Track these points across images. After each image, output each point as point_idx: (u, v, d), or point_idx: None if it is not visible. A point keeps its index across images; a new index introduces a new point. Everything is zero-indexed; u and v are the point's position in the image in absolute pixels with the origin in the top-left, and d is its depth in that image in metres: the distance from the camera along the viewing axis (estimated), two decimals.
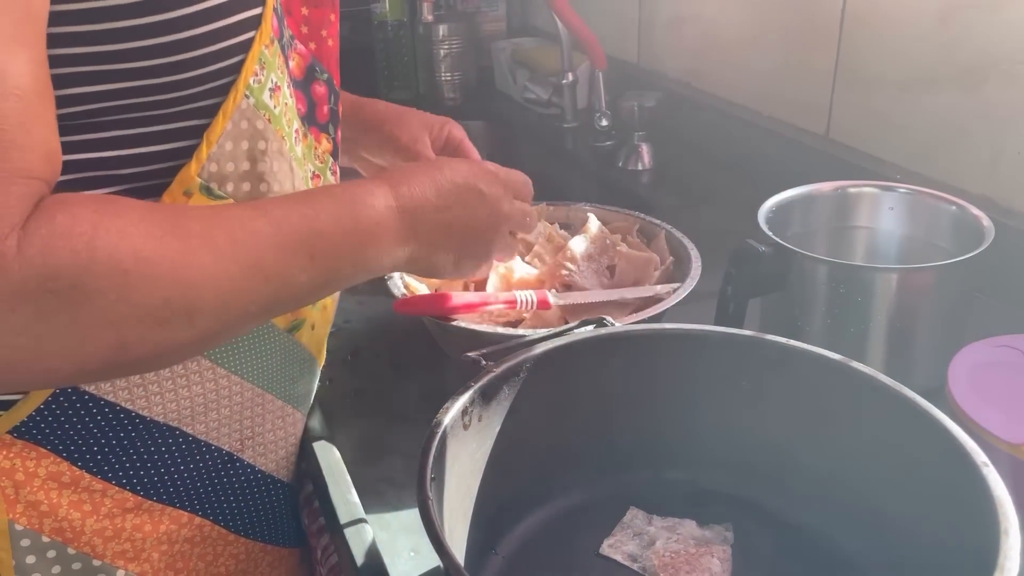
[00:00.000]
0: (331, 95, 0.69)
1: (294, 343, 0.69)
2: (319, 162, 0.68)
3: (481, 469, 0.60)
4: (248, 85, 0.56)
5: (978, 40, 0.91)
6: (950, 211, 0.79)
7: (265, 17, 0.56)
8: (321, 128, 0.68)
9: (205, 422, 0.64)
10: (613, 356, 0.65)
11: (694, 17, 1.36)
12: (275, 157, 0.60)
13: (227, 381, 0.64)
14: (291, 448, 0.73)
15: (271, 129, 0.59)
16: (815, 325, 0.76)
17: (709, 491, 0.66)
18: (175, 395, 0.62)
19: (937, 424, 0.52)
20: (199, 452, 0.65)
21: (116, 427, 0.60)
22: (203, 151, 0.56)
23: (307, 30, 0.66)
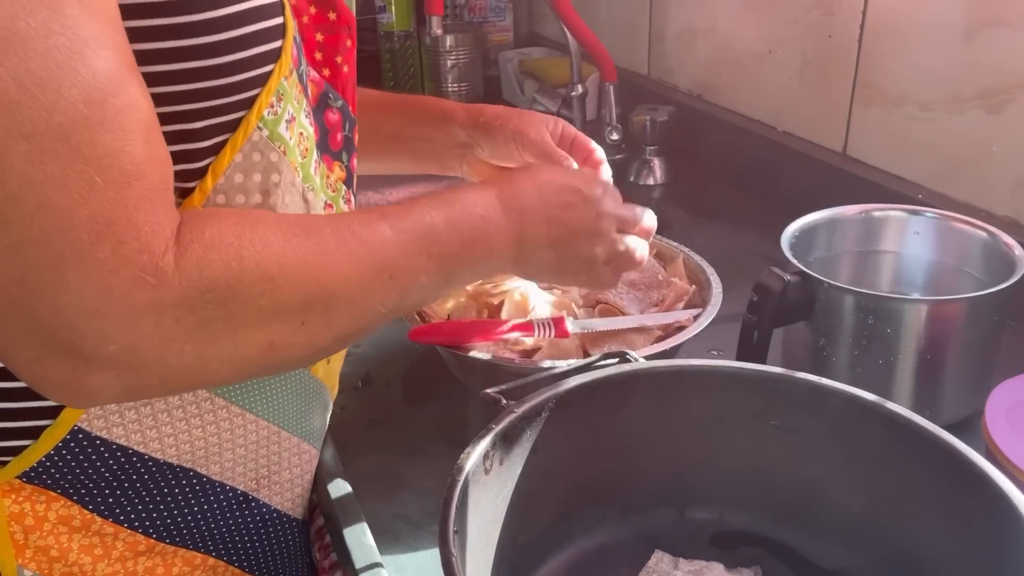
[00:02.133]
0: (345, 122, 0.67)
1: (310, 378, 0.67)
2: (331, 191, 0.66)
3: (503, 514, 0.58)
4: (262, 117, 0.55)
5: (1004, 59, 0.89)
6: (980, 238, 0.77)
7: (285, 49, 0.55)
8: (334, 156, 0.66)
9: (220, 462, 0.62)
10: (636, 393, 0.63)
11: (706, 30, 1.34)
12: (287, 190, 0.58)
13: (242, 420, 0.62)
14: (306, 485, 0.71)
15: (286, 161, 0.57)
16: (841, 356, 0.74)
17: (736, 532, 0.64)
18: (189, 436, 0.60)
19: (981, 473, 0.50)
20: (213, 493, 0.63)
21: (128, 470, 0.59)
22: (208, 183, 0.54)
23: (321, 56, 0.64)
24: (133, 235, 0.44)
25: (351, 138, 0.68)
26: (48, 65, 0.42)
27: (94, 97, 0.43)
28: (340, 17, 0.63)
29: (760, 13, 1.22)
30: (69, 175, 0.42)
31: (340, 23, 0.63)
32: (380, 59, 1.76)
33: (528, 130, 0.79)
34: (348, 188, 0.68)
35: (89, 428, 0.56)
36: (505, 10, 1.82)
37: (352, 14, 0.64)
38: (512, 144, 0.80)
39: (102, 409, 0.56)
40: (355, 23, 0.65)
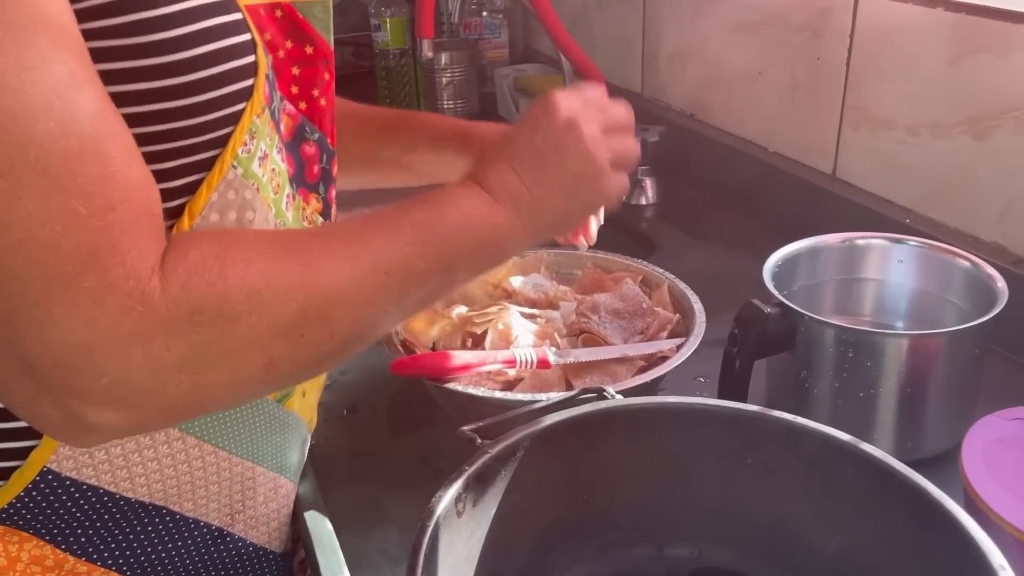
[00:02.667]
0: (322, 154, 0.67)
1: (284, 412, 0.67)
2: (307, 223, 0.67)
3: (477, 555, 0.58)
4: (236, 156, 0.55)
5: (989, 86, 0.89)
6: (963, 267, 0.77)
7: (257, 87, 0.55)
8: (310, 188, 0.67)
9: (192, 499, 0.62)
10: (613, 431, 0.62)
11: (698, 50, 1.34)
12: (262, 226, 0.58)
13: (214, 457, 0.62)
14: (284, 518, 0.71)
15: (259, 198, 0.57)
16: (823, 387, 0.73)
17: (714, 568, 0.64)
18: (160, 475, 0.60)
19: (952, 519, 0.50)
20: (187, 529, 0.63)
21: (100, 509, 0.59)
22: (185, 222, 0.54)
23: (297, 90, 0.64)
24: (119, 261, 0.43)
25: (328, 170, 0.68)
26: (22, 100, 0.42)
27: (71, 128, 0.43)
28: (317, 51, 0.63)
29: (750, 34, 1.22)
30: (50, 208, 0.42)
31: (317, 57, 0.63)
32: (376, 76, 1.76)
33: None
34: (325, 220, 0.68)
35: (59, 469, 0.56)
36: (500, 27, 1.82)
37: (330, 48, 0.64)
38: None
39: (71, 449, 0.56)
40: (332, 56, 0.65)
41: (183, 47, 0.50)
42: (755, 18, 1.19)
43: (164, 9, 0.49)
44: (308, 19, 0.62)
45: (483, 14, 1.80)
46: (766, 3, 1.15)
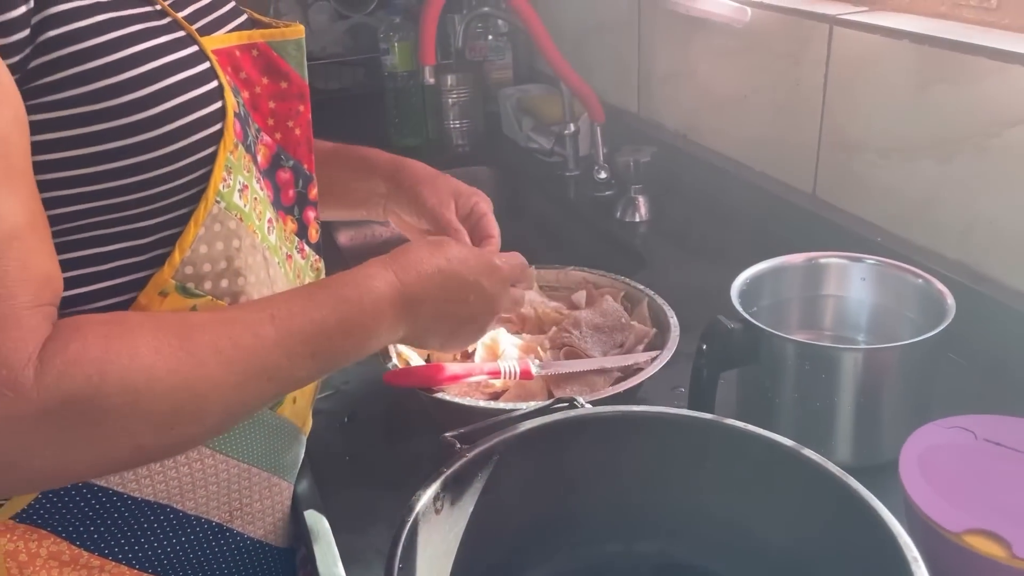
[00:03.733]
0: (298, 179, 0.73)
1: (277, 418, 0.73)
2: (288, 243, 0.72)
3: (454, 550, 0.63)
4: (218, 191, 0.61)
5: (951, 113, 0.94)
6: (916, 284, 0.82)
7: (227, 128, 0.60)
8: (287, 211, 0.73)
9: (194, 498, 0.68)
10: (583, 437, 0.68)
11: (688, 73, 1.40)
12: (249, 252, 0.64)
13: (212, 460, 0.68)
14: (280, 514, 0.76)
15: (243, 227, 0.63)
16: (785, 398, 0.79)
17: (678, 564, 0.69)
18: (164, 476, 0.66)
19: (877, 516, 0.55)
20: (190, 526, 0.69)
21: (110, 508, 0.65)
22: (175, 257, 0.60)
23: (273, 122, 0.70)
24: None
25: (304, 193, 0.74)
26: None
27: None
28: (292, 85, 0.70)
29: (736, 59, 1.28)
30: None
31: (292, 91, 0.70)
32: (385, 97, 1.83)
33: (429, 197, 0.82)
34: (301, 239, 0.74)
35: None
36: (505, 49, 1.89)
37: (304, 82, 0.71)
38: (415, 205, 0.83)
39: None
40: (307, 90, 0.71)
41: (148, 106, 0.56)
42: (740, 45, 1.25)
43: (128, 73, 0.55)
44: (283, 56, 0.68)
45: (488, 37, 1.87)
46: (750, 31, 1.21)
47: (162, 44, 0.58)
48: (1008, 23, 0.94)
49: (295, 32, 0.71)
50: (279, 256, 0.69)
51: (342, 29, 2.00)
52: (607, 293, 0.98)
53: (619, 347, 0.90)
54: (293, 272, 0.73)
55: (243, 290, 0.64)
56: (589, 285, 1.00)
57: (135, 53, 0.56)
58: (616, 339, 0.91)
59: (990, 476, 0.63)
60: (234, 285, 0.63)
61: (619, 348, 0.90)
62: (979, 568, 0.58)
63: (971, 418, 0.69)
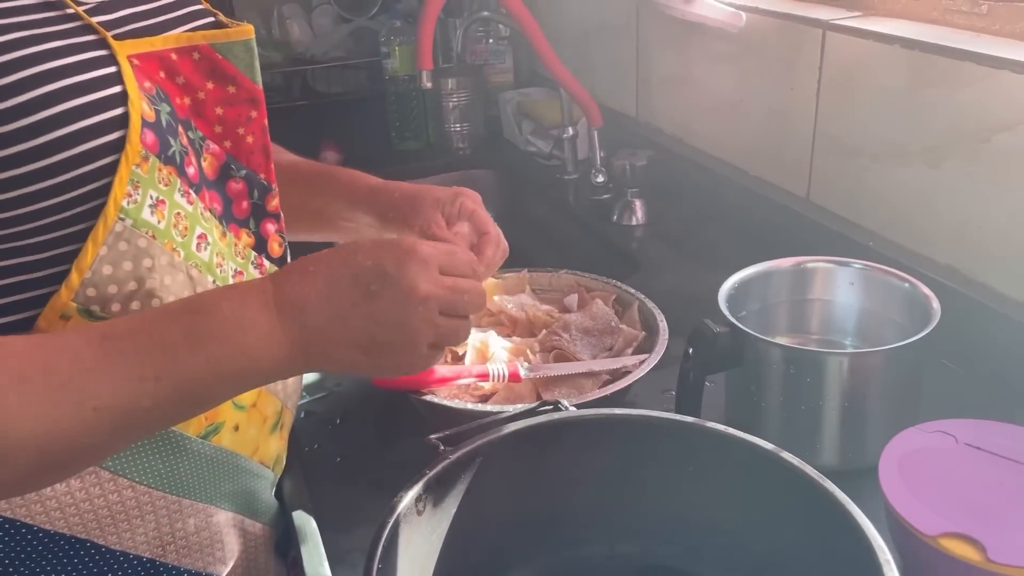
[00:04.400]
0: (252, 189, 0.69)
1: (212, 448, 0.66)
2: (240, 259, 0.68)
3: (437, 551, 0.64)
4: (122, 208, 0.56)
5: (941, 118, 0.95)
6: (903, 288, 0.83)
7: (130, 139, 0.56)
8: (240, 224, 0.69)
9: (116, 532, 0.63)
10: (566, 440, 0.69)
11: (684, 77, 1.41)
12: (166, 271, 0.59)
13: (132, 491, 0.62)
14: (223, 544, 0.70)
15: (157, 245, 0.58)
16: (771, 401, 0.79)
17: (660, 566, 0.70)
18: (76, 508, 0.61)
19: (852, 519, 0.56)
20: (116, 562, 0.63)
21: (21, 542, 0.60)
22: (73, 279, 0.56)
23: (221, 129, 0.66)
24: None
25: (261, 204, 0.69)
26: None
27: None
28: (241, 90, 0.66)
29: (731, 64, 1.28)
30: None
31: (241, 95, 0.66)
32: (386, 100, 1.84)
33: (414, 221, 0.78)
34: (260, 253, 0.69)
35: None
36: (505, 53, 1.90)
37: (257, 86, 0.67)
38: (404, 231, 0.80)
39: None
40: (262, 95, 0.67)
41: (24, 114, 0.52)
42: (736, 50, 1.26)
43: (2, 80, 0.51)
44: (229, 59, 0.65)
45: (488, 41, 1.88)
46: (745, 36, 1.22)
47: (49, 50, 0.54)
48: (998, 29, 0.94)
49: (241, 33, 0.66)
50: (216, 275, 0.64)
51: (344, 33, 2.01)
52: (598, 296, 0.99)
53: (608, 350, 0.91)
54: None
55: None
56: (581, 288, 1.01)
57: (9, 60, 0.52)
58: (605, 342, 0.91)
59: (969, 480, 0.63)
60: (147, 307, 0.58)
61: (608, 351, 0.91)
62: (954, 571, 0.58)
63: (953, 422, 0.69)
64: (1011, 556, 0.56)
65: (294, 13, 2.02)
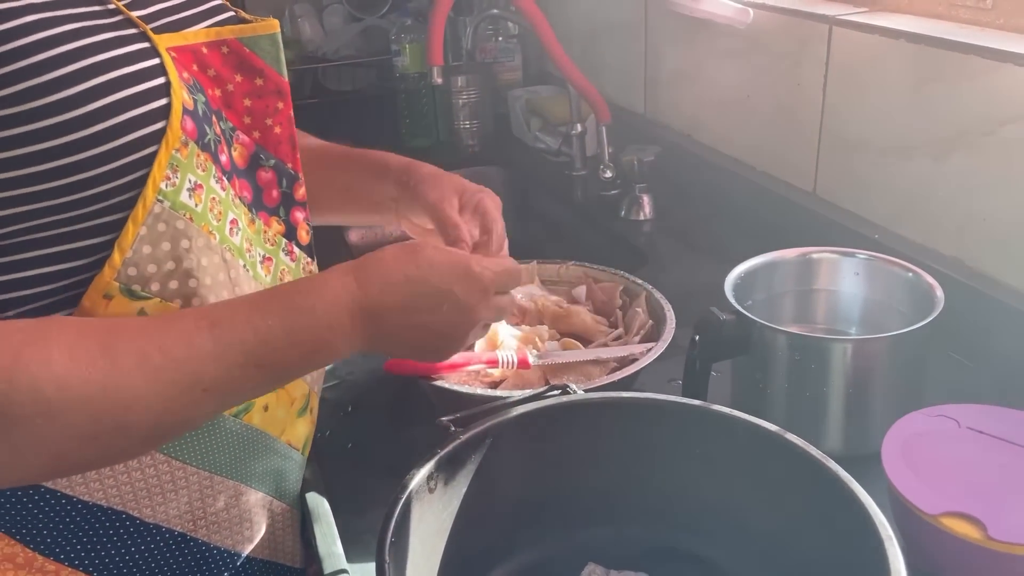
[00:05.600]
0: (281, 178, 0.72)
1: (244, 426, 0.69)
2: (270, 245, 0.71)
3: (448, 529, 0.66)
4: (160, 191, 0.59)
5: (946, 111, 0.96)
6: (907, 277, 0.84)
7: (171, 124, 0.59)
8: (270, 212, 0.71)
9: (151, 506, 0.66)
10: (575, 422, 0.70)
11: (692, 74, 1.42)
12: (202, 252, 0.62)
13: (168, 467, 0.66)
14: (251, 523, 0.73)
15: (194, 227, 0.61)
16: (776, 388, 0.81)
17: (665, 548, 0.71)
18: (115, 481, 0.64)
19: (854, 497, 0.57)
20: (148, 534, 0.67)
21: (60, 512, 0.63)
22: (116, 258, 0.58)
23: (250, 120, 0.69)
24: None
25: (290, 193, 0.72)
26: None
27: None
28: (268, 82, 0.68)
29: (738, 60, 1.29)
30: None
31: (268, 87, 0.68)
32: (397, 98, 1.86)
33: (430, 193, 0.81)
34: (290, 240, 0.72)
35: None
36: (514, 51, 1.92)
37: (283, 78, 0.69)
38: (417, 203, 0.82)
39: None
40: (286, 86, 0.70)
41: (77, 105, 0.54)
42: (742, 46, 1.27)
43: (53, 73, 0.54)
44: (255, 52, 0.67)
45: (498, 39, 1.90)
46: (751, 32, 1.23)
47: (99, 42, 0.57)
48: (1003, 23, 0.95)
49: (267, 27, 0.69)
50: (246, 259, 0.67)
51: (355, 31, 2.03)
52: (606, 287, 1.00)
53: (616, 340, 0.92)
54: (273, 275, 0.71)
55: (196, 292, 0.62)
56: (589, 280, 1.02)
57: (64, 52, 0.55)
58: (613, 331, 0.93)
59: (970, 462, 0.64)
60: (185, 287, 0.61)
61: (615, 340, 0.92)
62: (955, 548, 0.59)
63: (956, 407, 0.70)
64: (1011, 534, 0.57)
65: (305, 12, 2.04)
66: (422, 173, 0.84)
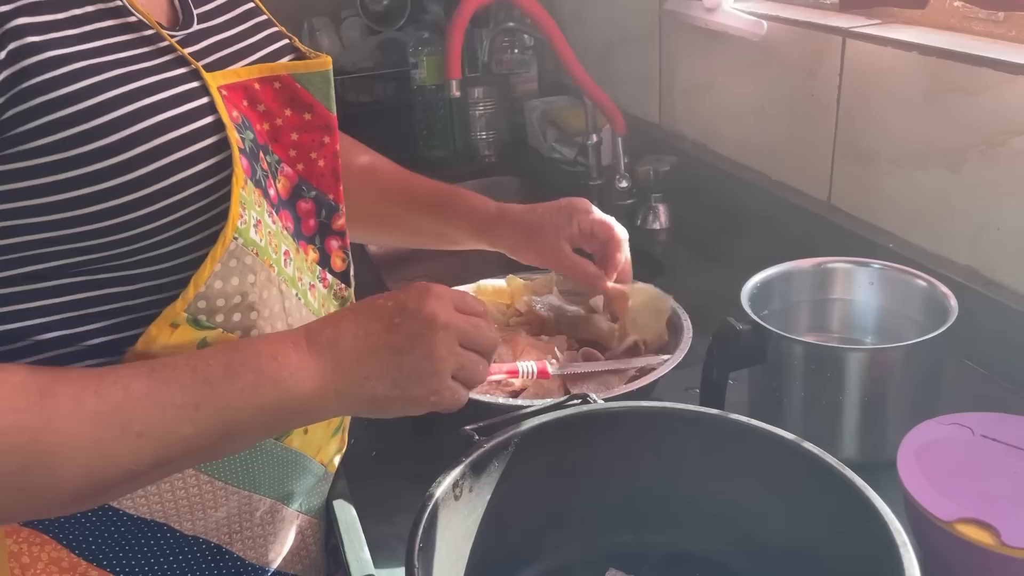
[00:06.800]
0: (320, 209, 0.73)
1: (283, 449, 0.71)
2: (310, 273, 0.73)
3: (473, 534, 0.67)
4: (236, 228, 0.61)
5: (959, 122, 0.97)
6: (921, 287, 0.85)
7: (235, 172, 0.60)
8: (308, 240, 0.73)
9: (191, 520, 0.68)
10: (595, 431, 0.72)
11: (707, 85, 1.44)
12: (264, 286, 0.64)
13: (211, 485, 0.68)
14: (285, 539, 0.76)
15: (259, 262, 0.63)
16: (793, 397, 0.82)
17: (684, 554, 0.72)
18: (159, 497, 0.66)
19: (871, 504, 0.59)
20: (187, 545, 0.69)
21: (106, 522, 0.66)
22: (190, 292, 0.60)
23: (295, 153, 0.70)
24: None
25: (327, 223, 0.74)
26: None
27: None
28: (316, 117, 0.69)
29: (753, 71, 1.31)
30: None
31: (316, 122, 0.70)
32: (414, 110, 1.88)
33: (544, 249, 0.91)
34: (323, 267, 0.74)
35: None
36: (530, 63, 1.94)
37: (331, 114, 0.71)
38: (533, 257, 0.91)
39: None
40: (334, 120, 0.71)
41: (118, 151, 0.55)
42: (757, 57, 1.29)
43: (100, 119, 0.55)
44: (307, 88, 0.68)
45: (514, 51, 1.92)
46: (766, 43, 1.25)
47: (146, 86, 0.58)
48: (1015, 35, 0.96)
49: (321, 64, 0.70)
50: (298, 288, 0.69)
51: (373, 44, 2.06)
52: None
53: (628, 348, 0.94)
54: (317, 302, 0.72)
55: (255, 324, 0.64)
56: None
57: (111, 98, 0.56)
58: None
59: (984, 469, 0.66)
60: (246, 319, 0.63)
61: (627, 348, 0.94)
62: (969, 554, 0.60)
63: (970, 415, 0.72)
64: None
65: (324, 25, 2.07)
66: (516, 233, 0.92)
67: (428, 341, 0.62)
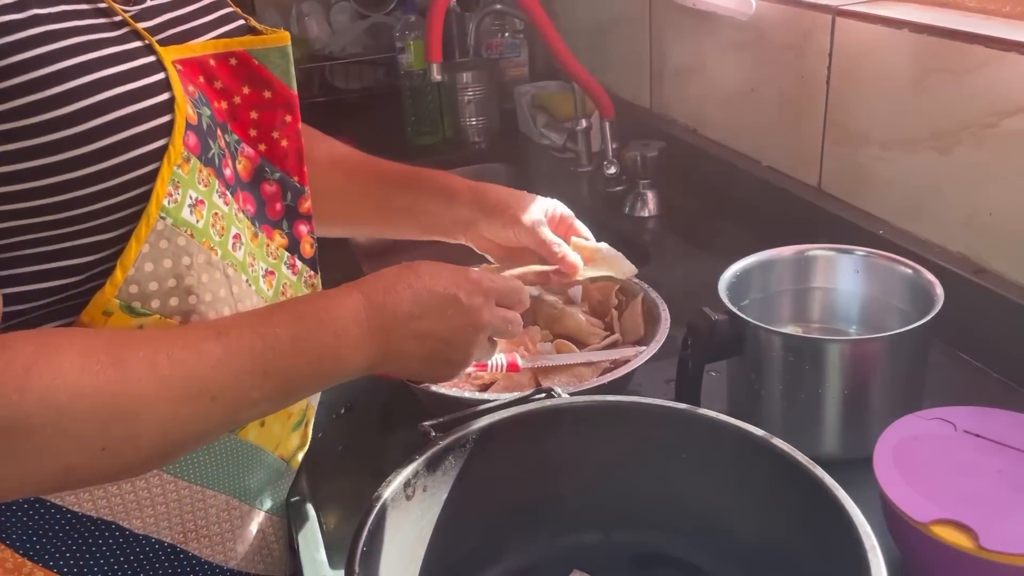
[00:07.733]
0: (286, 192, 0.71)
1: (238, 442, 0.69)
2: (272, 258, 0.70)
3: (428, 536, 0.64)
4: (163, 208, 0.58)
5: (948, 104, 0.93)
6: (906, 275, 0.81)
7: (173, 141, 0.58)
8: (273, 225, 0.71)
9: (141, 517, 0.66)
10: (559, 426, 0.69)
11: (697, 68, 1.40)
12: (203, 269, 0.61)
13: (159, 479, 0.65)
14: (244, 537, 0.73)
15: (195, 243, 0.61)
16: (771, 390, 0.79)
17: (653, 554, 0.69)
18: (104, 492, 0.64)
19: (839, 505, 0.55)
20: (138, 545, 0.67)
21: (50, 520, 0.63)
22: (117, 276, 0.58)
23: (256, 133, 0.68)
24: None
25: (294, 207, 0.71)
26: None
27: None
28: (276, 95, 0.67)
29: (743, 53, 1.27)
30: None
31: (276, 100, 0.67)
32: (401, 96, 1.85)
33: (523, 218, 0.86)
34: (292, 253, 0.72)
35: None
36: (520, 47, 1.90)
37: (292, 91, 0.69)
38: (510, 230, 0.86)
39: None
40: (295, 99, 0.69)
41: (78, 121, 0.54)
42: (746, 38, 1.24)
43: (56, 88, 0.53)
44: (265, 65, 0.66)
45: (504, 35, 1.88)
46: (755, 23, 1.20)
47: (103, 57, 0.56)
48: (1009, 11, 0.92)
49: (278, 40, 0.68)
50: (249, 274, 0.66)
51: (361, 29, 2.02)
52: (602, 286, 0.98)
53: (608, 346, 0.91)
54: (275, 289, 0.70)
55: (195, 309, 0.61)
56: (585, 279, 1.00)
57: (67, 67, 0.54)
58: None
59: (965, 467, 0.62)
60: (184, 304, 0.61)
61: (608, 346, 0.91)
62: (946, 558, 0.57)
63: (953, 409, 0.68)
64: (1003, 543, 0.55)
65: (312, 10, 2.04)
66: (499, 196, 0.88)
67: (471, 339, 0.68)
